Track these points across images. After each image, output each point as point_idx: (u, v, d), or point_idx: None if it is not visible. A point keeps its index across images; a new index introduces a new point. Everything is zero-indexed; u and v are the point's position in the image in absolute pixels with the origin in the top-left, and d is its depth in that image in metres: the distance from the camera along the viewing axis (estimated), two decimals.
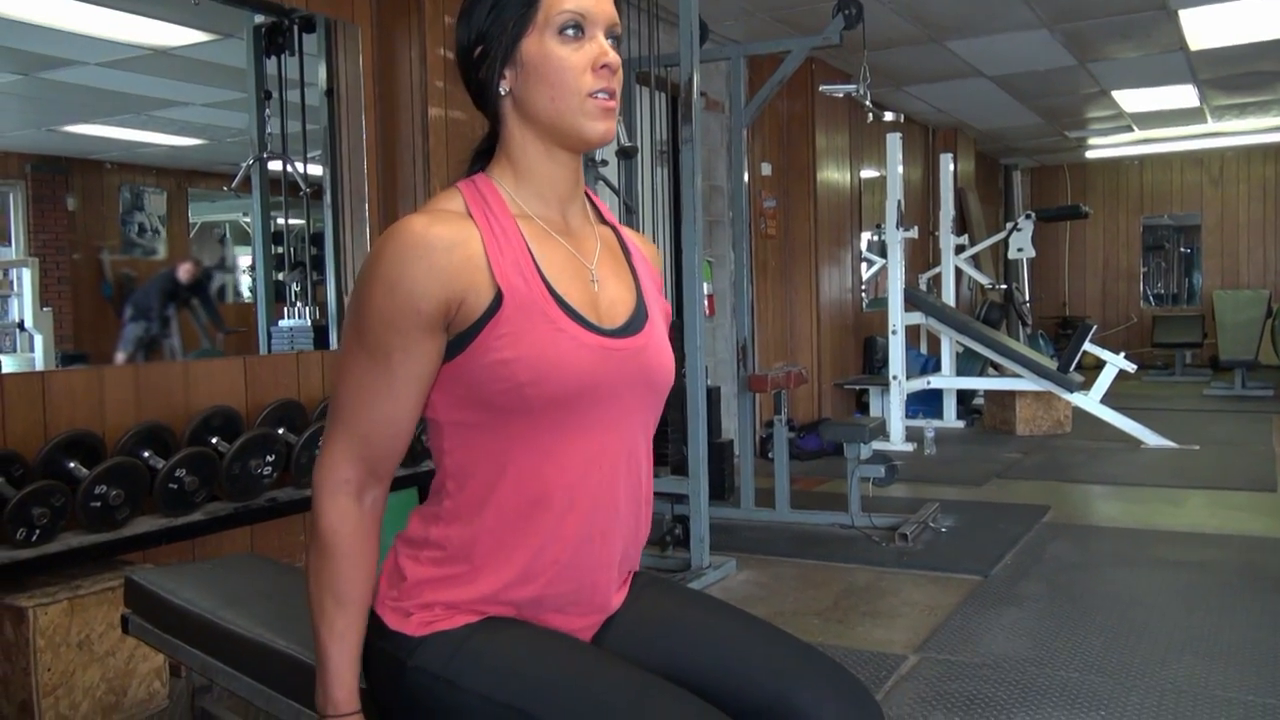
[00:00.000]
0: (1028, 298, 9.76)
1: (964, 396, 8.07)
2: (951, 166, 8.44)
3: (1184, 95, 8.95)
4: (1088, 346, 7.16)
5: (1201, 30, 6.83)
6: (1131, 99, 9.12)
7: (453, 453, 1.21)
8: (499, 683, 1.15)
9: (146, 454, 3.00)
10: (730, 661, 1.24)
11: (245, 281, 11.07)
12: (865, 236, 8.73)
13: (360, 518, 1.20)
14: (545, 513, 1.20)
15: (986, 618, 3.35)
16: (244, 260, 11.37)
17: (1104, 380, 6.98)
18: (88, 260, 9.60)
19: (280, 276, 4.29)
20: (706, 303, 4.40)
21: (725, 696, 1.20)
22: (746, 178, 4.92)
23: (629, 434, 1.26)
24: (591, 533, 1.23)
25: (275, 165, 4.24)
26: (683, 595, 1.38)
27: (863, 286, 8.68)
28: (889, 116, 5.38)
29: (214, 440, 3.19)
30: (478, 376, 1.17)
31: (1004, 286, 9.18)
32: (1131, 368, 7.22)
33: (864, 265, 8.72)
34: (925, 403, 7.89)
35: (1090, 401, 6.95)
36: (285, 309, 4.23)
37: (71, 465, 2.83)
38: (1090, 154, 12.60)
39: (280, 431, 3.31)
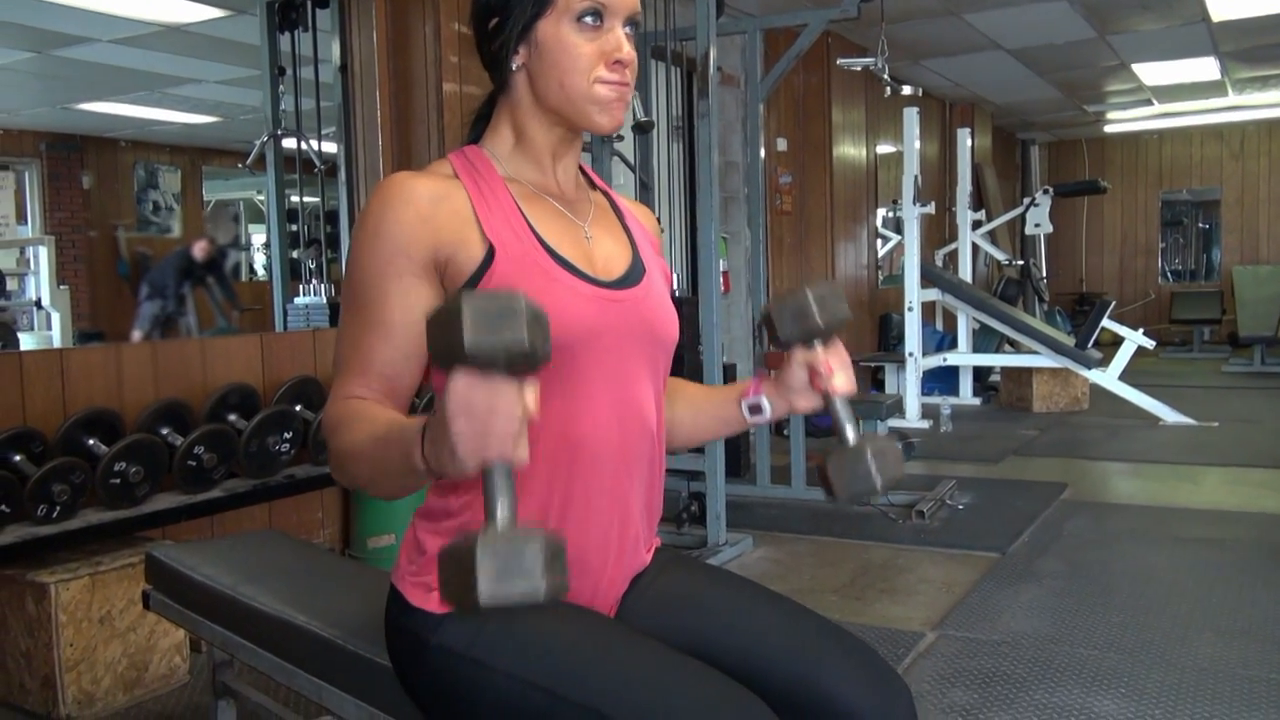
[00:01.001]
0: (1044, 274, 9.68)
1: (980, 373, 8.03)
2: (969, 142, 8.36)
3: (1205, 68, 8.83)
4: (1106, 323, 7.11)
5: (1224, 1, 6.73)
6: (1152, 72, 9.01)
7: None
8: (524, 660, 1.14)
9: (165, 431, 3.01)
10: (756, 640, 1.23)
11: (259, 260, 11.11)
12: (880, 213, 8.68)
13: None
14: (555, 468, 1.19)
15: (1005, 595, 3.34)
16: (258, 239, 11.40)
17: (1122, 357, 6.93)
18: (103, 238, 9.65)
19: (295, 254, 4.29)
20: (722, 279, 4.37)
21: (751, 675, 1.18)
22: (762, 153, 4.88)
23: (637, 389, 1.24)
24: (608, 488, 1.22)
25: (289, 143, 4.23)
26: (707, 572, 1.37)
27: (878, 263, 8.64)
28: (907, 90, 5.32)
29: (231, 417, 3.20)
30: None
31: (1021, 262, 9.11)
32: (1150, 344, 7.16)
33: (879, 242, 8.67)
34: (941, 380, 7.85)
35: (1108, 378, 6.90)
36: (301, 286, 4.23)
37: (91, 442, 2.84)
38: (1109, 128, 12.47)
39: (297, 409, 3.31)
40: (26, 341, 6.44)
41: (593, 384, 1.20)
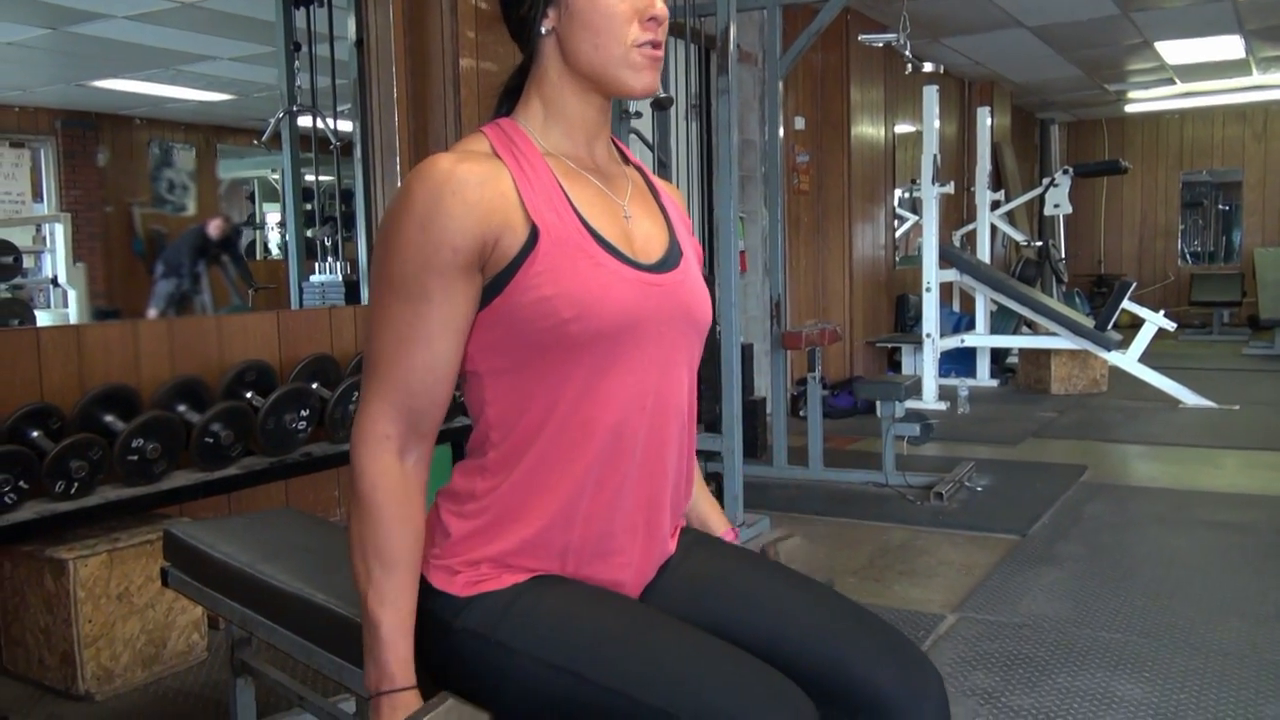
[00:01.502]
0: (1063, 255, 9.59)
1: (997, 355, 7.97)
2: (989, 120, 8.27)
3: (1230, 46, 8.70)
4: (1126, 304, 7.04)
5: None
6: (1175, 50, 8.88)
7: (494, 403, 1.18)
8: (550, 644, 1.12)
9: (182, 408, 3.00)
10: (785, 624, 1.20)
11: (274, 238, 11.11)
12: (897, 193, 8.60)
13: (403, 476, 1.13)
14: (590, 453, 1.16)
15: (1025, 577, 3.31)
16: (272, 217, 11.40)
17: (1142, 338, 6.87)
18: (119, 216, 9.65)
19: (310, 233, 4.27)
20: (739, 259, 4.33)
21: (779, 658, 1.16)
22: (781, 132, 4.82)
23: (674, 373, 1.23)
24: (640, 478, 1.20)
25: (305, 121, 4.20)
26: (734, 554, 1.34)
27: (895, 243, 8.57)
28: (928, 67, 5.25)
29: (248, 395, 3.19)
30: (518, 316, 1.13)
31: (1039, 243, 9.03)
32: (1171, 326, 7.09)
33: (895, 222, 8.59)
34: (958, 361, 7.80)
35: (1128, 360, 6.84)
36: (316, 265, 4.22)
37: (108, 419, 2.83)
38: (1129, 108, 12.32)
39: (314, 386, 3.29)
40: (43, 319, 6.44)
41: (629, 370, 1.17)
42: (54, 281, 6.69)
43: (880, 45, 5.19)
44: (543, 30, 1.19)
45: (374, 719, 1.11)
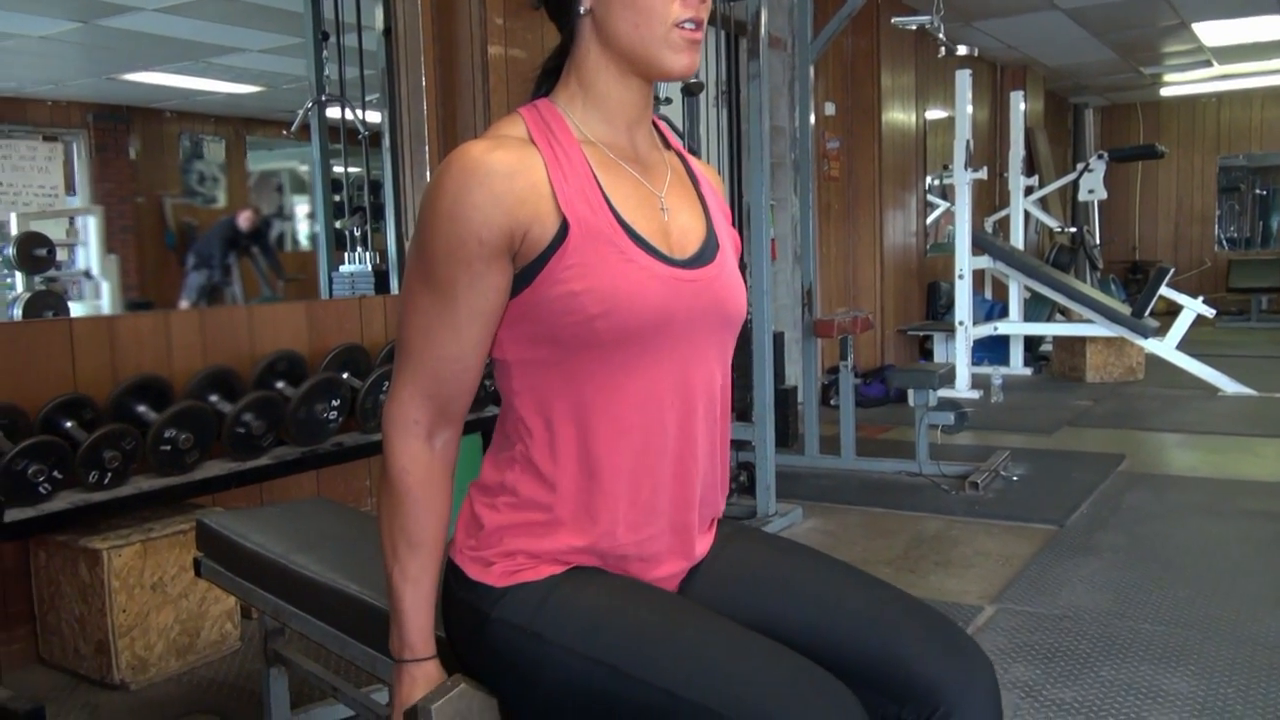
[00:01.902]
0: (1098, 241, 9.45)
1: (1030, 343, 7.87)
2: (1022, 105, 8.15)
3: (1271, 26, 8.52)
4: (1163, 290, 6.92)
5: None
6: (1213, 31, 8.71)
7: (522, 394, 1.16)
8: (586, 636, 1.09)
9: (214, 398, 3.00)
10: (828, 614, 1.17)
11: (303, 230, 11.16)
12: (927, 179, 8.51)
13: (431, 460, 1.15)
14: (623, 455, 1.14)
15: (1064, 568, 3.25)
16: (301, 209, 11.45)
17: (1181, 325, 6.75)
18: (150, 209, 9.73)
19: (340, 224, 4.26)
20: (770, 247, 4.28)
21: (823, 649, 1.13)
22: (812, 118, 4.76)
23: (705, 370, 1.20)
24: (672, 473, 1.17)
25: (333, 113, 4.19)
26: (773, 544, 1.31)
27: (925, 230, 8.47)
28: (962, 50, 5.16)
29: (279, 385, 3.19)
30: (546, 310, 1.10)
31: (1073, 230, 8.90)
32: (1210, 312, 6.96)
33: (926, 209, 8.50)
34: (990, 349, 7.71)
35: (1166, 347, 6.73)
36: (345, 255, 4.21)
37: (141, 409, 2.84)
38: (1165, 91, 12.12)
39: (344, 376, 3.29)
40: (77, 311, 6.50)
41: (660, 369, 1.14)
42: (87, 274, 6.74)
43: (913, 28, 5.11)
44: (581, 10, 1.15)
45: (395, 685, 1.18)
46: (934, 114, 8.38)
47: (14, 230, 6.22)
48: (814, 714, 1.02)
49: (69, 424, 2.69)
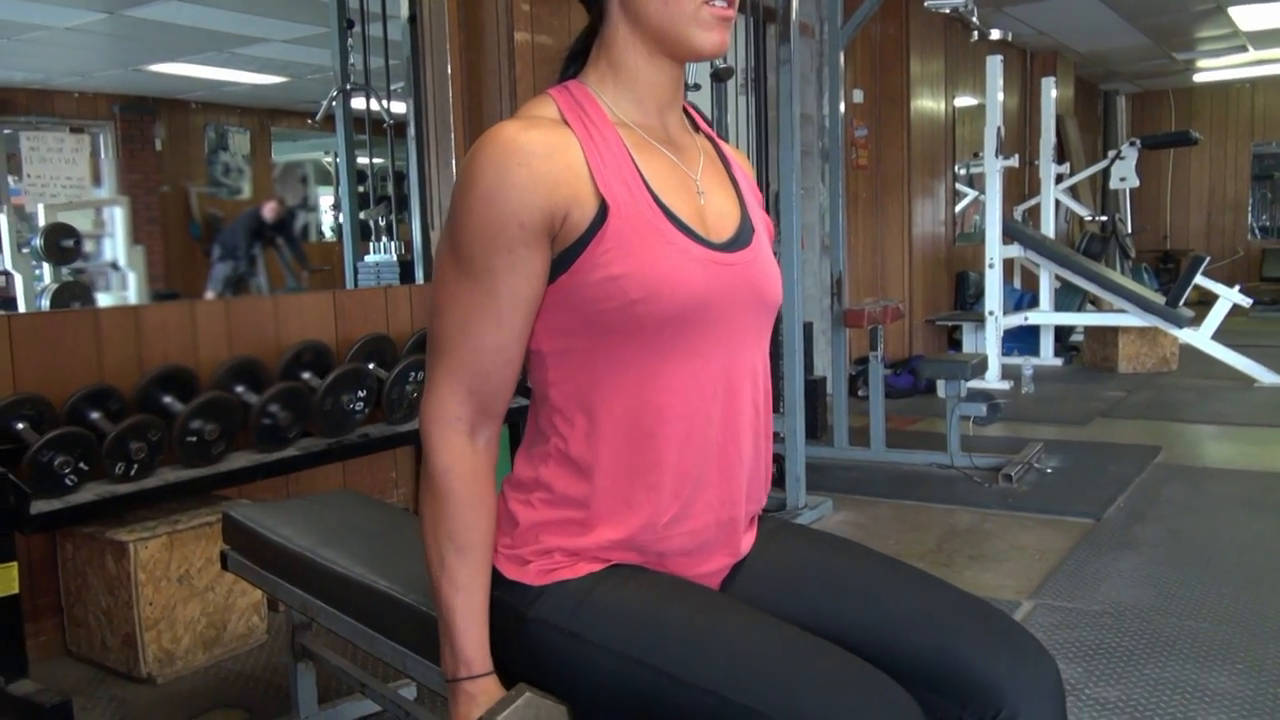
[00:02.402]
0: (1130, 229, 9.31)
1: (1061, 333, 7.76)
2: (1053, 91, 8.02)
3: None
4: (1198, 280, 6.80)
5: None
6: (1249, 15, 8.53)
7: (559, 384, 1.11)
8: (627, 635, 1.05)
9: (240, 389, 2.98)
10: (880, 612, 1.12)
11: (328, 221, 11.17)
12: (957, 168, 8.40)
13: (475, 458, 1.09)
14: (663, 447, 1.09)
15: (1103, 563, 3.18)
16: (326, 200, 11.46)
17: (1216, 315, 6.62)
18: (176, 200, 9.77)
19: (365, 214, 4.24)
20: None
21: (876, 650, 1.08)
22: (842, 106, 4.69)
23: (746, 357, 1.15)
24: (718, 465, 1.13)
25: (358, 104, 4.16)
26: (818, 539, 1.26)
27: (955, 219, 8.37)
28: (995, 34, 5.07)
29: (305, 375, 3.16)
30: (585, 295, 1.06)
31: (1104, 218, 8.76)
32: (1246, 302, 6.84)
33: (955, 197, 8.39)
34: (1020, 340, 7.60)
35: (1201, 337, 6.61)
36: (370, 245, 4.18)
37: (167, 400, 2.82)
38: (1198, 77, 11.92)
39: (370, 366, 3.26)
40: (103, 302, 6.52)
41: (702, 356, 1.10)
42: (114, 265, 6.76)
43: (946, 11, 5.02)
44: None
45: (452, 706, 1.09)
46: (963, 101, 8.26)
47: (42, 221, 6.25)
48: (870, 716, 0.97)
49: (95, 415, 2.67)
